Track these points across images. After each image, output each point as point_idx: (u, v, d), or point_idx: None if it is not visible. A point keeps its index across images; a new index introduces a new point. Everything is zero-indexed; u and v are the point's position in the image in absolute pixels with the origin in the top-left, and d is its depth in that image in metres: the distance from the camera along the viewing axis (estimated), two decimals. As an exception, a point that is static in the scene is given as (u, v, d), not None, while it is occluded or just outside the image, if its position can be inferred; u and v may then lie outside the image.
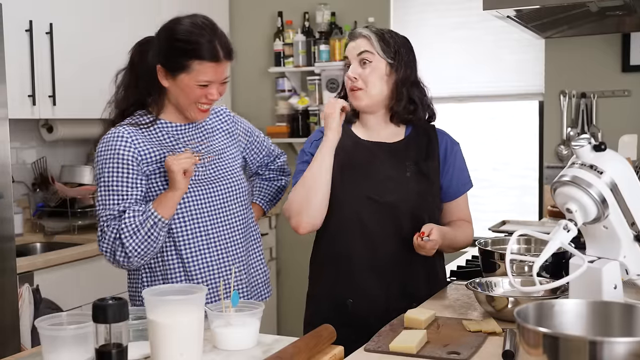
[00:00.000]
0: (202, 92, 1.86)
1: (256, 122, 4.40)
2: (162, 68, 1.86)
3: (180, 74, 1.83)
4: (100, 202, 1.84)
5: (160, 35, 1.89)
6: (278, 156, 2.27)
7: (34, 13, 3.06)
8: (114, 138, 1.84)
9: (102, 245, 1.83)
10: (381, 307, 1.97)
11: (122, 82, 1.96)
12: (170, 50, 1.84)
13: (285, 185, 2.29)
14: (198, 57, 1.82)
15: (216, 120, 2.05)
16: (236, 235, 1.97)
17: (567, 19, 2.92)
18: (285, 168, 2.30)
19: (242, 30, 4.47)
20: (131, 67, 1.94)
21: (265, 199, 2.23)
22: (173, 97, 1.89)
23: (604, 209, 1.48)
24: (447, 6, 3.99)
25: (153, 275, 1.92)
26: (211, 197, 1.92)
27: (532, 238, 2.13)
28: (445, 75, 3.93)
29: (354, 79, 2.02)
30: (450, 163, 2.10)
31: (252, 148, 2.16)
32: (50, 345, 1.36)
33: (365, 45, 2.02)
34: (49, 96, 3.13)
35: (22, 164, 3.44)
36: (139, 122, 1.91)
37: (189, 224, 1.89)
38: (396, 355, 1.48)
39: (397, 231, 2.00)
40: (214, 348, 1.52)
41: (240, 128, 2.12)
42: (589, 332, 1.27)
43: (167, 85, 1.87)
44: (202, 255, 1.91)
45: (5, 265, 2.54)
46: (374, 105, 2.05)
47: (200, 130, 1.99)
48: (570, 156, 1.66)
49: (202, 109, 1.90)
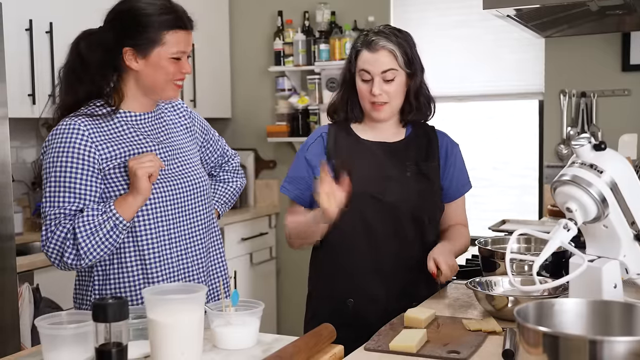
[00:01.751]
0: (177, 67, 1.80)
1: (256, 121, 4.46)
2: (130, 49, 1.78)
3: (153, 49, 1.77)
4: (48, 198, 1.72)
5: (117, 17, 1.81)
6: (232, 157, 2.18)
7: (34, 12, 3.06)
8: (69, 130, 1.74)
9: (48, 246, 1.71)
10: (382, 307, 1.97)
11: (66, 77, 1.84)
12: (136, 27, 1.77)
13: (241, 187, 2.19)
14: (168, 27, 1.77)
15: (175, 115, 1.97)
16: (198, 234, 1.89)
17: (567, 18, 2.92)
18: (240, 169, 2.21)
19: (242, 30, 4.47)
20: (80, 60, 1.82)
21: (220, 201, 2.12)
22: (145, 79, 1.81)
23: (604, 208, 1.48)
24: (447, 5, 3.99)
25: (105, 275, 1.80)
26: (173, 193, 1.83)
27: (532, 237, 2.13)
28: (445, 74, 3.93)
29: (379, 95, 1.99)
30: (450, 164, 2.10)
31: (208, 147, 2.08)
32: (50, 344, 1.36)
33: (390, 62, 1.98)
34: (48, 95, 3.12)
35: (22, 163, 3.44)
36: (95, 112, 1.79)
37: (152, 220, 1.80)
38: (396, 354, 1.48)
39: (398, 231, 2.00)
40: (214, 347, 1.52)
41: (198, 124, 2.04)
42: (589, 331, 1.27)
43: (138, 67, 1.79)
44: (163, 254, 1.81)
45: (5, 264, 2.54)
46: (393, 115, 2.06)
47: (160, 122, 1.91)
48: (570, 155, 1.66)
49: (178, 85, 1.84)
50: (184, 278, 1.85)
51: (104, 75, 1.82)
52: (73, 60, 1.83)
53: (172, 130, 1.93)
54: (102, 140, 1.77)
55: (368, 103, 2.03)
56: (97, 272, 1.81)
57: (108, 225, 1.70)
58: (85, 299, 1.85)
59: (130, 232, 1.79)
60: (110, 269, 1.80)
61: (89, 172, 1.74)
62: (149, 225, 1.80)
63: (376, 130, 2.08)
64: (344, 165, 2.02)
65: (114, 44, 1.79)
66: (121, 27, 1.79)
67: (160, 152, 1.85)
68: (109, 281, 1.80)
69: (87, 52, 1.82)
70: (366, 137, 2.08)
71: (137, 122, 1.86)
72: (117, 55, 1.79)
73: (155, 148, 1.84)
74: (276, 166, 4.46)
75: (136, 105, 1.86)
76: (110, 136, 1.79)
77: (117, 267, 1.80)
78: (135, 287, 1.80)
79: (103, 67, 1.82)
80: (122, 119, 1.83)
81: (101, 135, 1.77)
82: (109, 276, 1.80)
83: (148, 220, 1.80)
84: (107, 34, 1.81)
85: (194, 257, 1.88)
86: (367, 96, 2.02)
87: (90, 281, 1.83)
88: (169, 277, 1.83)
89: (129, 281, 1.80)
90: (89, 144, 1.74)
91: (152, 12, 1.77)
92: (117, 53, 1.79)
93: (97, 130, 1.77)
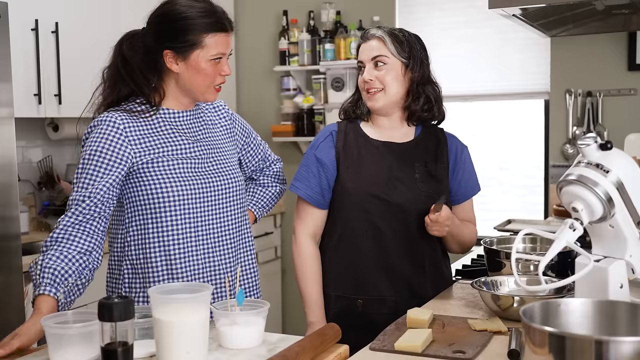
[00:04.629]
0: (215, 69, 1.82)
1: (261, 120, 4.46)
2: (171, 52, 1.80)
3: (193, 51, 1.79)
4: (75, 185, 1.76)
5: (158, 20, 1.83)
6: (274, 162, 2.18)
7: (40, 12, 3.07)
8: (106, 123, 1.78)
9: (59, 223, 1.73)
10: (390, 308, 1.98)
11: (109, 77, 1.88)
12: (176, 30, 1.79)
13: (281, 192, 2.19)
14: (208, 30, 1.79)
15: (215, 115, 1.99)
16: (227, 234, 1.88)
17: (573, 18, 2.92)
18: (281, 175, 2.20)
19: (248, 29, 4.47)
20: (122, 61, 1.86)
21: (258, 205, 2.12)
22: (185, 81, 1.83)
23: (610, 208, 1.47)
24: (453, 5, 3.98)
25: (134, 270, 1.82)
26: (204, 190, 1.83)
27: (538, 237, 2.13)
28: (450, 73, 3.92)
29: (370, 80, 2.00)
30: (459, 167, 2.10)
31: (248, 150, 2.09)
32: (56, 343, 1.37)
33: (380, 48, 2.00)
34: (54, 95, 3.13)
35: (27, 163, 3.45)
36: (134, 108, 1.83)
37: (179, 216, 1.80)
38: (401, 354, 1.48)
39: (406, 232, 2.00)
40: (219, 347, 1.52)
41: (239, 127, 2.06)
42: (595, 331, 1.27)
43: (178, 69, 1.82)
44: (188, 251, 1.81)
45: (11, 264, 2.55)
46: (391, 106, 2.04)
47: (199, 120, 1.92)
48: (576, 155, 1.65)
49: (217, 88, 1.87)
50: (209, 278, 1.84)
51: (145, 75, 1.85)
52: (116, 60, 1.87)
53: (211, 129, 1.95)
54: (137, 134, 1.79)
55: (364, 92, 2.04)
56: (127, 266, 1.83)
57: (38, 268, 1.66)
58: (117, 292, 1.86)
59: (158, 229, 1.80)
60: (137, 263, 1.82)
61: (115, 163, 1.76)
62: (175, 221, 1.80)
63: (385, 130, 2.08)
64: (351, 166, 2.02)
65: (155, 46, 1.82)
66: (162, 30, 1.81)
67: (196, 149, 1.86)
68: (138, 276, 1.82)
69: (129, 52, 1.85)
70: (375, 137, 2.07)
71: (176, 119, 1.88)
72: (158, 57, 1.82)
73: (191, 145, 1.86)
74: (281, 166, 4.46)
75: (176, 104, 1.89)
76: (147, 131, 1.81)
77: (143, 262, 1.81)
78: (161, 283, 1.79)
79: (144, 68, 1.84)
80: (160, 116, 1.86)
81: (137, 130, 1.80)
82: (137, 271, 1.82)
83: (175, 215, 1.80)
84: (148, 36, 1.83)
85: (221, 257, 1.87)
86: (362, 85, 2.03)
87: (121, 276, 1.85)
88: (193, 275, 1.82)
89: (154, 276, 1.80)
90: (122, 137, 1.77)
91: (192, 15, 1.79)
92: (158, 55, 1.82)
93: (133, 125, 1.80)
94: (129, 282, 1.83)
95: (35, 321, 1.55)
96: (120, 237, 1.85)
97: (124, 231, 1.84)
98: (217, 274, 1.86)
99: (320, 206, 2.07)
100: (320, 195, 2.05)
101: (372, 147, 2.05)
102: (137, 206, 1.81)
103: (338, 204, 2.05)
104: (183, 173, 1.81)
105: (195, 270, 1.82)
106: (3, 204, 2.53)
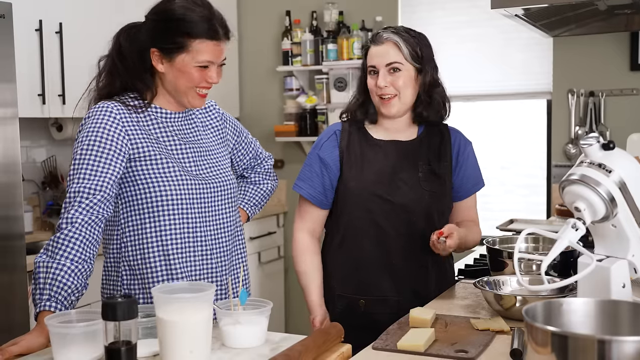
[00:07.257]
0: (202, 75, 1.78)
1: (264, 121, 4.46)
2: (157, 51, 1.77)
3: (179, 54, 1.75)
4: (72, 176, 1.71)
5: (153, 17, 1.80)
6: (265, 159, 2.17)
7: (44, 12, 3.07)
8: (102, 112, 1.75)
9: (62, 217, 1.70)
10: (393, 307, 1.98)
11: (105, 68, 1.85)
12: (166, 30, 1.75)
13: (272, 189, 2.18)
14: (197, 36, 1.75)
15: (206, 116, 1.96)
16: (223, 235, 1.87)
17: (576, 18, 2.91)
18: (272, 171, 2.19)
19: (250, 30, 4.47)
20: (118, 52, 1.83)
21: (250, 203, 2.11)
22: (169, 82, 1.81)
23: (612, 207, 1.48)
24: (455, 4, 3.98)
25: (132, 271, 1.81)
26: (200, 194, 1.82)
27: (540, 237, 2.13)
28: (453, 73, 3.90)
29: (385, 87, 1.98)
30: (462, 162, 2.09)
31: (240, 149, 2.07)
32: (60, 343, 1.37)
33: (395, 54, 1.98)
34: (58, 95, 3.14)
35: (32, 163, 3.46)
36: (128, 102, 1.80)
37: (177, 219, 1.79)
38: (404, 353, 1.48)
39: (409, 231, 2.00)
40: (222, 346, 1.53)
41: (230, 126, 2.03)
42: (598, 331, 1.27)
43: (163, 69, 1.78)
44: (186, 253, 1.80)
45: (15, 263, 2.55)
46: (404, 111, 2.04)
47: (190, 123, 1.90)
48: (579, 155, 1.65)
49: (200, 94, 1.82)
50: (207, 278, 1.84)
51: (137, 70, 1.82)
52: (112, 51, 1.85)
53: (202, 131, 1.92)
54: (131, 128, 1.77)
55: (377, 97, 2.02)
56: (125, 267, 1.82)
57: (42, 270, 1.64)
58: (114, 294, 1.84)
59: (156, 229, 1.79)
60: (135, 264, 1.80)
61: (115, 154, 1.73)
62: (174, 224, 1.79)
63: (389, 129, 2.08)
64: (354, 166, 2.02)
65: (146, 42, 1.79)
66: (153, 27, 1.79)
67: (187, 152, 1.85)
68: (136, 277, 1.81)
69: (125, 44, 1.83)
70: (379, 136, 2.07)
71: (167, 120, 1.86)
72: (148, 54, 1.80)
73: (182, 147, 1.84)
74: (284, 166, 4.46)
75: (167, 104, 1.86)
76: (139, 128, 1.79)
77: (141, 262, 1.80)
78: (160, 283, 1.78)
79: (137, 63, 1.82)
80: (152, 114, 1.83)
81: (131, 124, 1.78)
82: (135, 272, 1.81)
83: (173, 218, 1.79)
84: (143, 31, 1.81)
85: (218, 258, 1.87)
86: (374, 90, 2.01)
87: (119, 278, 1.83)
88: (192, 276, 1.82)
89: (153, 277, 1.79)
90: (119, 127, 1.75)
91: (186, 18, 1.75)
92: (148, 51, 1.80)
93: (127, 117, 1.78)
94: (128, 284, 1.82)
95: (38, 335, 1.54)
96: (116, 238, 1.82)
97: (119, 232, 1.82)
98: (215, 273, 1.86)
99: (323, 206, 2.07)
100: (323, 195, 2.05)
101: (376, 147, 2.05)
102: (133, 206, 1.79)
103: (341, 204, 2.05)
104: (178, 172, 1.79)
105: (194, 269, 1.82)
106: (7, 204, 2.54)
